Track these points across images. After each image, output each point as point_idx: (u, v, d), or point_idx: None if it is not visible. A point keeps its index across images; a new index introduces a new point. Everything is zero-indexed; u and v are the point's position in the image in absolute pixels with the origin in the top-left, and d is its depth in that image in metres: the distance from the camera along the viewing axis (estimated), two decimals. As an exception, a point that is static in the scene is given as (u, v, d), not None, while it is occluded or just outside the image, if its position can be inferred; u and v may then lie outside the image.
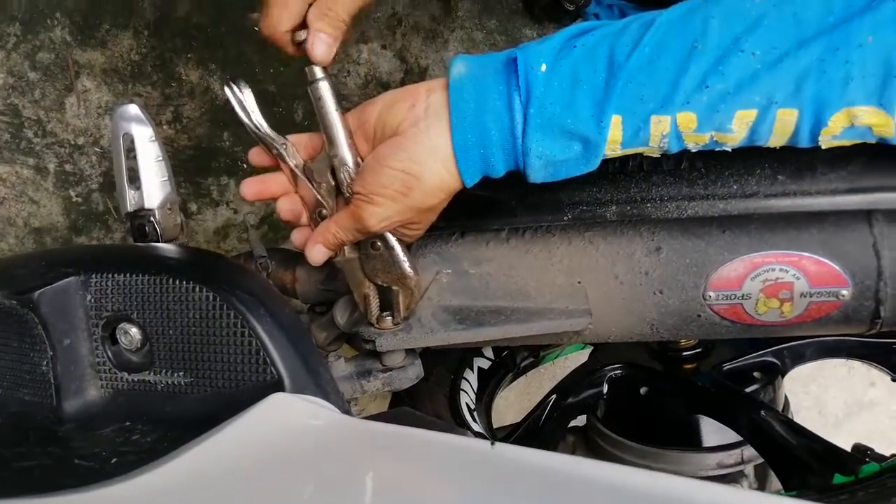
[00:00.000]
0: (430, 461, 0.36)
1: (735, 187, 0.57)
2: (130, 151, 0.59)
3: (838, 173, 0.55)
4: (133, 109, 0.59)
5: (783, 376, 0.80)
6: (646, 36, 0.47)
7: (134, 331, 0.48)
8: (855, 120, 0.44)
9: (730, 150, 0.49)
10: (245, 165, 1.26)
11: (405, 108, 0.52)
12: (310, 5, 0.53)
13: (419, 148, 0.51)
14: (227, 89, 0.55)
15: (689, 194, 0.57)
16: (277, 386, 0.43)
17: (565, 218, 0.59)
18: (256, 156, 0.58)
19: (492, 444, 0.35)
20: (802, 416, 1.30)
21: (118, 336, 0.48)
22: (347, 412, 0.43)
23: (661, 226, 0.60)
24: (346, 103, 0.55)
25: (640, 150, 0.50)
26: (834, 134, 0.45)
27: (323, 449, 0.38)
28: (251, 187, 0.58)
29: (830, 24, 0.43)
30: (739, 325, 0.59)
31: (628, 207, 0.58)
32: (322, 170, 0.57)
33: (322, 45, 0.53)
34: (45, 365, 0.47)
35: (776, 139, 0.47)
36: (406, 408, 0.61)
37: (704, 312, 0.59)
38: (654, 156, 0.51)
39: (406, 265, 0.58)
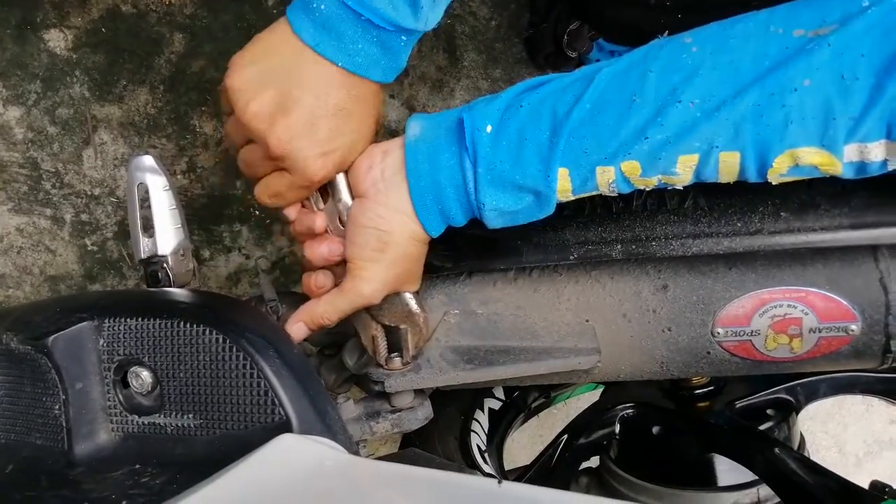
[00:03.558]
0: (438, 500, 0.36)
1: (739, 225, 0.57)
2: (145, 201, 0.60)
3: (841, 209, 0.55)
4: (148, 160, 0.61)
5: (797, 413, 0.79)
6: (586, 93, 0.48)
7: (145, 374, 0.48)
8: (799, 161, 0.45)
9: (680, 188, 0.50)
10: (257, 212, 1.28)
11: (363, 169, 0.54)
12: None
13: (382, 207, 0.53)
14: None
15: (694, 232, 0.58)
16: (285, 427, 0.44)
17: (571, 257, 0.60)
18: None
19: (499, 482, 0.35)
20: (822, 455, 1.27)
21: (129, 379, 0.49)
22: (355, 452, 0.43)
23: (667, 264, 0.61)
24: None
25: (592, 193, 0.52)
26: (781, 173, 0.46)
27: (330, 489, 0.38)
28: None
29: (766, 68, 0.43)
30: (750, 362, 0.59)
31: (633, 246, 0.59)
32: (332, 216, 0.58)
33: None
34: (57, 409, 0.48)
35: (725, 177, 0.48)
36: (414, 449, 0.61)
37: (714, 349, 0.59)
38: (611, 195, 0.52)
39: (413, 302, 0.59)
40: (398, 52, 0.52)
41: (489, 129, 0.50)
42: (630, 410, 0.81)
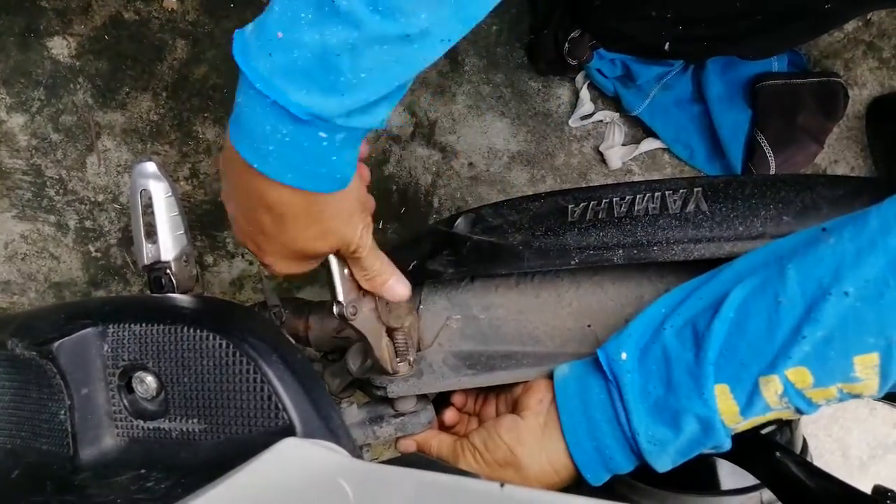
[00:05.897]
0: (440, 503, 0.36)
1: (741, 229, 0.57)
2: (148, 207, 0.61)
3: (843, 213, 0.55)
4: (151, 167, 0.61)
5: (800, 417, 0.78)
6: (723, 306, 0.47)
7: (150, 379, 0.49)
8: None
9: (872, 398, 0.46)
10: (259, 218, 1.28)
11: (535, 399, 0.56)
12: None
13: (530, 435, 0.55)
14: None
15: (696, 237, 0.58)
16: (289, 431, 0.44)
17: (573, 262, 0.59)
18: None
19: (501, 485, 0.35)
20: (826, 459, 1.27)
21: (134, 385, 0.49)
22: (359, 456, 0.44)
23: (669, 268, 0.61)
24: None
25: (768, 416, 0.49)
26: None
27: (334, 493, 0.38)
28: None
29: None
30: (752, 366, 0.59)
31: (635, 251, 0.58)
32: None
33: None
34: (62, 414, 0.48)
35: None
36: (416, 453, 0.61)
37: (716, 353, 0.59)
38: (793, 418, 0.51)
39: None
40: (320, 154, 0.39)
41: (624, 356, 0.51)
42: (632, 415, 0.81)
